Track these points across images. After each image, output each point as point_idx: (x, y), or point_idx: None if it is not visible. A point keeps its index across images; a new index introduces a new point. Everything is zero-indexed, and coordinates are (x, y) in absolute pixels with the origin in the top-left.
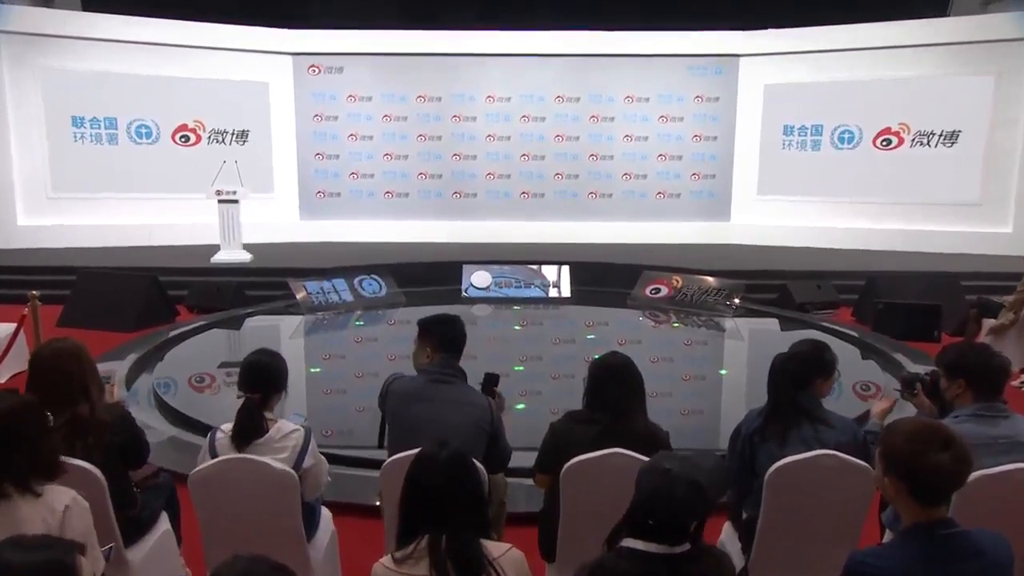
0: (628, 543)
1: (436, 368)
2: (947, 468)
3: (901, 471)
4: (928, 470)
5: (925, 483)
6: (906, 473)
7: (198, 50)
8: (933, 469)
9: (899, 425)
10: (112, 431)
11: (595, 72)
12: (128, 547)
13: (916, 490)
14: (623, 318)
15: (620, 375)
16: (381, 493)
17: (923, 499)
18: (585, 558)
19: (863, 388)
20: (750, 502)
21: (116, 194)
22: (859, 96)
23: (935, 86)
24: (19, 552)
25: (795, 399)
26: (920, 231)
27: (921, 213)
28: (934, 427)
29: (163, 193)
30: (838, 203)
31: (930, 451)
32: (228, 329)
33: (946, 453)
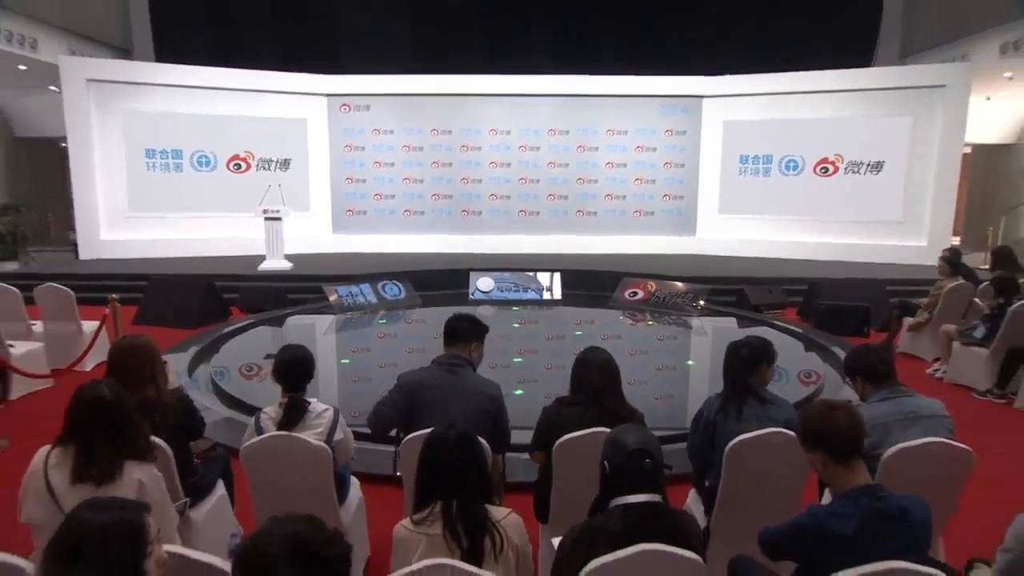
0: (617, 502)
1: (445, 360)
2: (844, 421)
3: (817, 440)
4: (833, 427)
5: (836, 439)
6: (820, 439)
7: (249, 92)
8: (835, 424)
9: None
10: (174, 411)
11: (582, 110)
12: (191, 508)
13: (833, 451)
14: (606, 317)
15: (600, 366)
16: (401, 465)
17: (841, 457)
18: (573, 520)
19: (805, 375)
20: (711, 473)
21: (180, 213)
22: (802, 131)
23: (864, 124)
24: (96, 512)
25: (746, 380)
26: (853, 244)
27: (853, 229)
28: (821, 403)
29: (219, 212)
30: (785, 220)
31: (827, 415)
32: (272, 326)
33: (837, 411)
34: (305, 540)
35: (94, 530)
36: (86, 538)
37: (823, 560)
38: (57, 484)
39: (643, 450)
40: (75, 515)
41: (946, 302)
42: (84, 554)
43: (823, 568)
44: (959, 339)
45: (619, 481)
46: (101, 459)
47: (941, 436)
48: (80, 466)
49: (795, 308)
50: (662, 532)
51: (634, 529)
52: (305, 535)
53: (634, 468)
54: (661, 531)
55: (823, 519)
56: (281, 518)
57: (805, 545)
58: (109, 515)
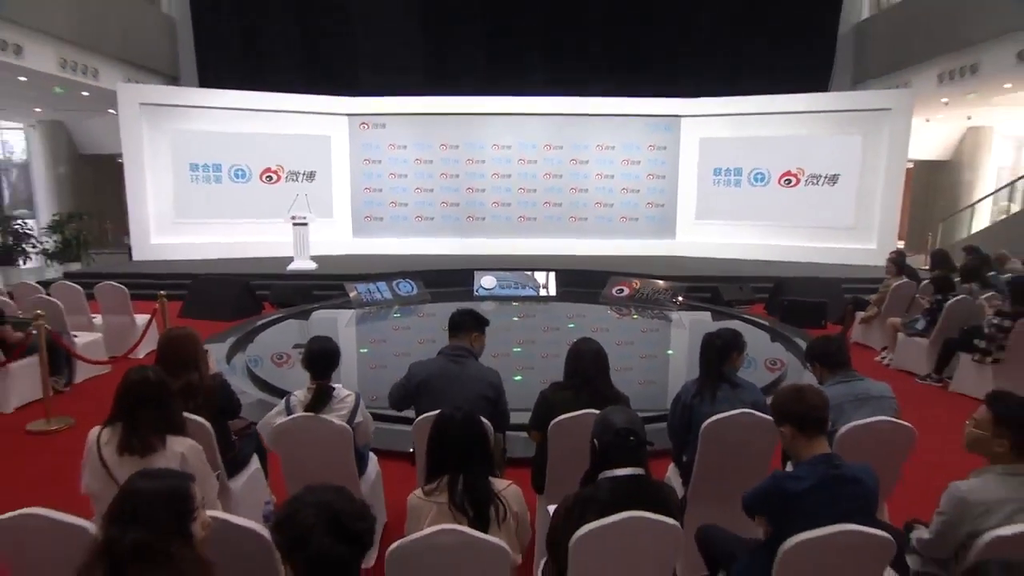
0: (606, 474)
1: (450, 351)
2: (813, 400)
3: (787, 416)
4: (802, 405)
5: (804, 414)
6: (790, 415)
7: (279, 113)
8: (804, 403)
9: (777, 394)
10: (214, 394)
11: (574, 127)
12: (230, 479)
13: (800, 425)
14: (595, 312)
15: (591, 355)
16: (414, 443)
17: (808, 431)
18: (567, 491)
19: (771, 363)
20: (688, 449)
21: (219, 220)
22: (768, 147)
23: (821, 141)
24: (147, 480)
25: (719, 367)
26: (812, 247)
27: (813, 234)
28: (793, 385)
29: (253, 219)
30: (754, 226)
31: (798, 394)
32: (300, 320)
33: (807, 392)
34: (338, 512)
35: (147, 496)
36: (141, 503)
37: (785, 517)
38: (108, 458)
39: (628, 429)
40: (130, 483)
41: (892, 298)
42: (139, 517)
43: (788, 527)
44: (903, 331)
45: (607, 456)
46: (144, 434)
47: (887, 415)
48: (125, 440)
49: (762, 304)
50: (645, 501)
51: (620, 498)
52: (338, 507)
53: (620, 445)
54: (644, 500)
55: (782, 480)
56: (315, 488)
57: (769, 504)
58: (159, 483)
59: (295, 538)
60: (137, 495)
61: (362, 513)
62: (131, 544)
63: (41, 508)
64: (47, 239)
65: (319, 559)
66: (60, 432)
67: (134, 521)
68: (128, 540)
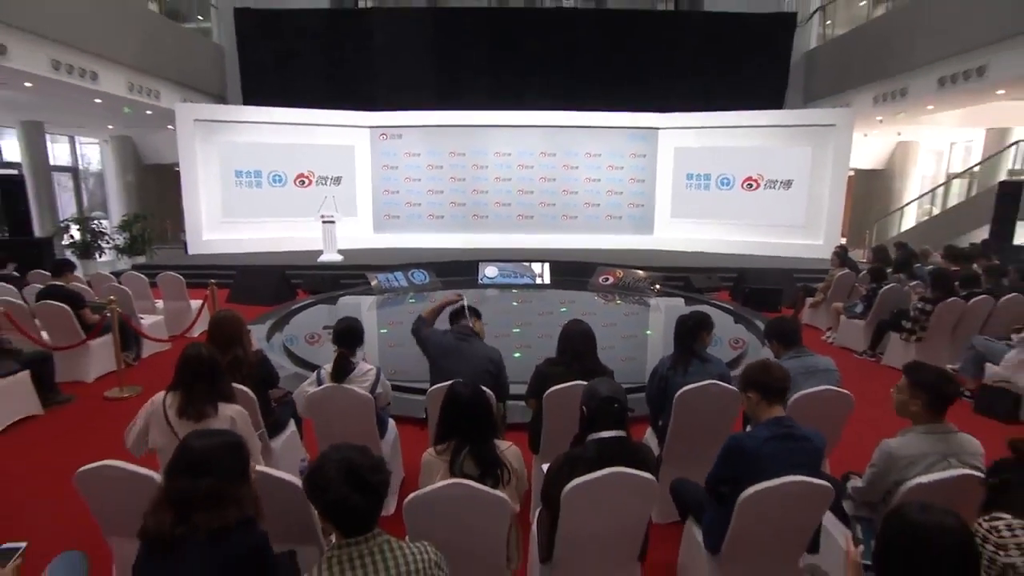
0: (592, 437)
1: (457, 331)
2: (777, 373)
3: (754, 384)
4: (768, 376)
5: (768, 385)
6: (757, 383)
7: (310, 126)
8: (770, 374)
9: (748, 366)
10: (256, 367)
11: (566, 137)
12: (270, 440)
13: (765, 392)
14: (584, 297)
15: (580, 334)
16: (427, 410)
17: (769, 398)
18: (559, 451)
19: (734, 341)
20: (663, 415)
21: (260, 219)
22: (733, 156)
23: (778, 152)
24: (201, 439)
25: (691, 345)
26: (769, 242)
27: (770, 231)
28: (762, 361)
29: (288, 217)
30: (721, 224)
31: (766, 367)
32: (328, 304)
33: (773, 366)
34: (356, 466)
35: (212, 450)
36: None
37: (742, 471)
38: (172, 419)
39: (613, 397)
40: (187, 442)
41: (836, 286)
42: (210, 466)
43: (746, 479)
44: (845, 314)
45: (594, 421)
46: (197, 402)
47: (831, 385)
48: (183, 405)
49: (727, 291)
50: (627, 459)
51: (605, 457)
52: (356, 462)
53: (606, 411)
54: (626, 458)
55: (740, 438)
56: (339, 446)
57: (731, 462)
58: (215, 439)
59: (319, 488)
60: (201, 451)
61: (377, 467)
62: (205, 490)
63: (117, 460)
64: (118, 237)
65: (337, 505)
66: (131, 398)
67: (206, 471)
68: (203, 487)
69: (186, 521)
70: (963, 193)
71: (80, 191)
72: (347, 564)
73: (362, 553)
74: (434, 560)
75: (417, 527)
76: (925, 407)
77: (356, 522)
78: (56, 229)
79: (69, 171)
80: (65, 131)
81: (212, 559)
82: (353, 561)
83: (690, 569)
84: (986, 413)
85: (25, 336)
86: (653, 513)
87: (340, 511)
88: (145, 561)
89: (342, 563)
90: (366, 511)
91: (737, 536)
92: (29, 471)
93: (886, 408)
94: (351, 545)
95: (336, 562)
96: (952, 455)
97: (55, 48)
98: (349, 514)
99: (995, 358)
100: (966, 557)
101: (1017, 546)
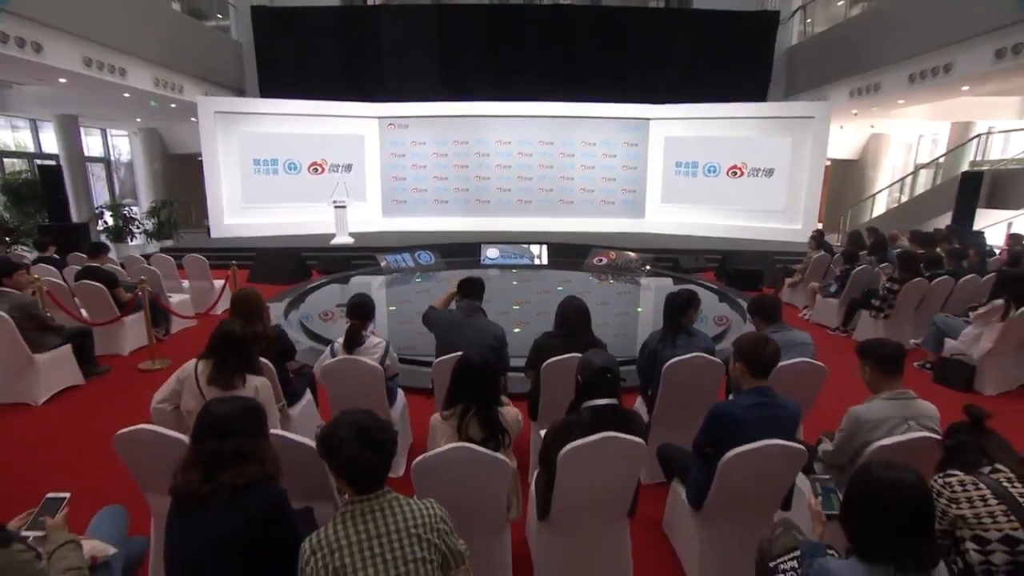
0: (587, 404)
1: (465, 307)
2: (770, 349)
3: (746, 357)
4: (761, 353)
5: (761, 362)
6: (748, 355)
7: (323, 116)
8: (763, 352)
9: (744, 336)
10: (274, 341)
11: (563, 127)
12: (289, 408)
13: (753, 368)
14: (580, 277)
15: (576, 309)
16: (433, 380)
17: (756, 373)
18: (555, 418)
19: (719, 319)
20: (652, 385)
21: (276, 204)
22: (719, 145)
23: (760, 142)
24: (222, 404)
25: (679, 320)
26: (752, 226)
27: (753, 216)
28: (759, 335)
29: (303, 203)
30: (707, 209)
31: (760, 344)
32: (340, 283)
33: (768, 344)
34: (366, 427)
35: (235, 414)
36: (232, 419)
37: (725, 435)
38: (203, 385)
39: (606, 368)
40: (208, 408)
41: (812, 267)
42: (232, 429)
43: (727, 443)
44: (820, 293)
45: (588, 390)
46: (226, 372)
47: (807, 357)
48: (213, 374)
49: (713, 271)
50: (618, 425)
51: (598, 423)
52: (366, 424)
53: (599, 381)
54: (617, 424)
55: (721, 405)
56: (349, 411)
57: (715, 427)
58: (235, 404)
59: (332, 447)
60: (222, 416)
61: (385, 428)
62: (232, 450)
63: (150, 425)
64: (147, 222)
65: (350, 463)
66: (162, 370)
67: (229, 433)
68: (230, 447)
69: (213, 479)
70: (929, 182)
71: (112, 180)
72: (359, 518)
73: (373, 508)
74: (439, 515)
75: (424, 487)
76: (876, 371)
77: (368, 479)
78: (91, 215)
79: (101, 161)
80: (97, 124)
81: (236, 514)
82: (365, 515)
83: (675, 524)
84: (944, 383)
85: (66, 313)
86: (642, 474)
87: (353, 468)
88: (176, 516)
89: (355, 517)
90: (377, 468)
91: (719, 494)
92: (73, 434)
93: (856, 380)
94: (363, 501)
95: (349, 516)
96: (912, 418)
97: (86, 46)
98: (361, 471)
99: (954, 334)
100: (922, 510)
101: (968, 500)
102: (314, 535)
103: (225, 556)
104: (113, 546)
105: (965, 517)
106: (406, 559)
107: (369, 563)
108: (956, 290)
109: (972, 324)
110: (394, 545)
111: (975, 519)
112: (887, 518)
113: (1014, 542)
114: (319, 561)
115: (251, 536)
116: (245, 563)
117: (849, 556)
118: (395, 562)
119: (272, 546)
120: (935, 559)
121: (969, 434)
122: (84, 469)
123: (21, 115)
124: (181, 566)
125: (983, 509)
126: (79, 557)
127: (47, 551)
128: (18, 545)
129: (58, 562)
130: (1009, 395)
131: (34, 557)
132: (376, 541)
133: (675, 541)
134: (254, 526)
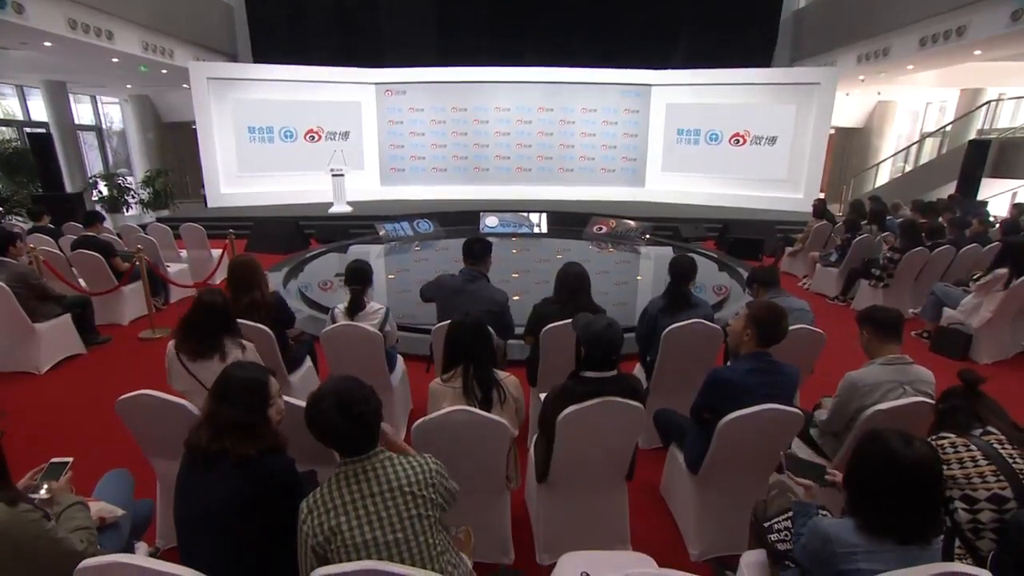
0: (584, 374)
1: (466, 272)
2: (783, 325)
3: (758, 325)
4: (775, 327)
5: (773, 334)
6: (763, 326)
7: (319, 83)
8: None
9: (762, 303)
10: (273, 309)
11: (563, 93)
12: (289, 374)
13: (763, 337)
14: (579, 246)
15: (575, 275)
16: (431, 347)
17: (763, 342)
18: (554, 383)
19: (718, 287)
20: (651, 351)
21: (272, 172)
22: (721, 112)
23: (764, 109)
24: (240, 369)
25: (679, 288)
26: (753, 195)
27: (755, 184)
28: (772, 304)
29: (300, 171)
30: (708, 177)
31: (777, 318)
32: (339, 252)
33: (784, 319)
34: (346, 399)
35: (236, 382)
36: (232, 387)
37: (724, 400)
38: (187, 363)
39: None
40: (226, 371)
41: (813, 237)
42: (229, 397)
43: (725, 407)
44: (820, 262)
45: (588, 355)
46: (210, 342)
47: (806, 324)
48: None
49: (713, 240)
50: (617, 390)
51: (597, 388)
52: (347, 394)
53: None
54: (616, 389)
55: (720, 370)
56: (336, 378)
57: (713, 392)
58: (245, 374)
59: (312, 415)
60: (230, 380)
61: (365, 398)
62: (228, 417)
63: (151, 390)
64: (142, 191)
65: (324, 429)
66: (162, 339)
67: (227, 400)
68: (226, 413)
69: (219, 442)
70: (934, 151)
71: (105, 149)
72: (352, 478)
73: (365, 468)
74: (435, 469)
75: (425, 450)
76: (875, 336)
77: (349, 444)
78: (85, 185)
79: (93, 130)
80: (87, 90)
81: (245, 477)
82: (358, 476)
83: (673, 487)
84: (941, 352)
85: (64, 283)
86: (640, 440)
87: (329, 435)
88: (187, 472)
89: (347, 478)
90: (352, 436)
91: (716, 457)
92: (77, 402)
93: (854, 349)
94: (354, 463)
95: (343, 477)
96: (908, 383)
97: (71, 7)
98: (340, 438)
99: (953, 303)
100: (935, 489)
101: (958, 461)
102: (311, 496)
103: (234, 514)
104: (120, 508)
105: (955, 478)
106: (400, 517)
107: (365, 522)
108: (956, 259)
109: (973, 294)
110: (388, 504)
111: (965, 479)
112: (900, 497)
113: (1001, 500)
114: (315, 520)
115: (259, 499)
116: (253, 522)
117: (844, 516)
118: (390, 520)
119: (279, 509)
120: (938, 532)
121: (963, 398)
122: (88, 435)
123: (8, 81)
124: (192, 523)
125: (973, 470)
126: (87, 517)
127: (55, 512)
128: (25, 505)
129: (67, 522)
130: (1003, 364)
131: (42, 516)
132: (369, 500)
133: (672, 504)
134: (262, 490)
